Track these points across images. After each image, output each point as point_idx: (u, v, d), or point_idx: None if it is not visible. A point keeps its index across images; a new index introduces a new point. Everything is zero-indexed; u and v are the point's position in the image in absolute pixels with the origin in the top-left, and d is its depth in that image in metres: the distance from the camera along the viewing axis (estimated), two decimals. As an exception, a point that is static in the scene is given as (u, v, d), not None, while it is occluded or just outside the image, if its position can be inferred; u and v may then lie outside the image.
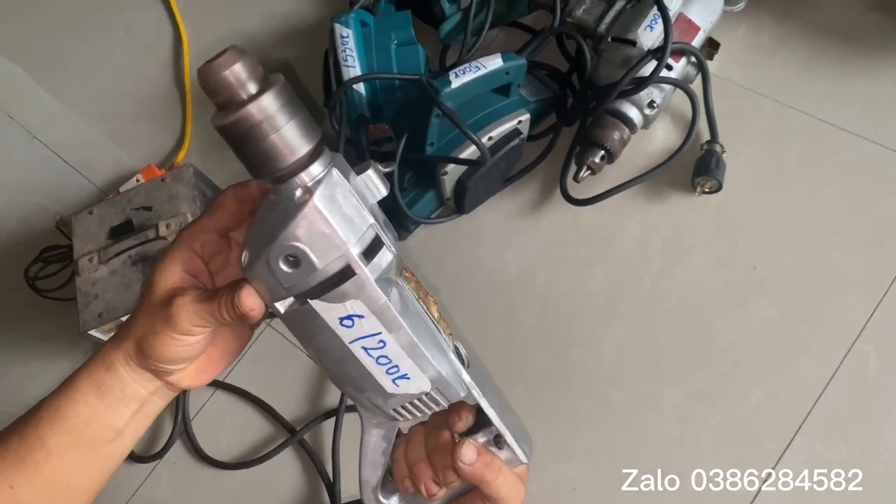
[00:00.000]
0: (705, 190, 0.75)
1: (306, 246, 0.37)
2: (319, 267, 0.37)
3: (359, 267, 0.38)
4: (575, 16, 0.77)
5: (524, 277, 0.79)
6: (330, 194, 0.37)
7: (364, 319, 0.40)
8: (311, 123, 0.37)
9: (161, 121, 1.00)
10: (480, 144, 0.70)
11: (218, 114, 0.36)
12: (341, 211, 0.37)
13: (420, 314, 0.43)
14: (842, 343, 0.68)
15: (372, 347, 0.41)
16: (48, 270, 0.90)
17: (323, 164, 0.37)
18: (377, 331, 0.40)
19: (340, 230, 0.37)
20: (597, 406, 0.72)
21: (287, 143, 0.36)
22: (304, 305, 0.39)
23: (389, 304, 0.39)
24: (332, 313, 0.39)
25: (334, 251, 0.37)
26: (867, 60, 0.79)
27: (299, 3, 1.01)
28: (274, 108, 0.35)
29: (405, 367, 0.42)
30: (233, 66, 0.35)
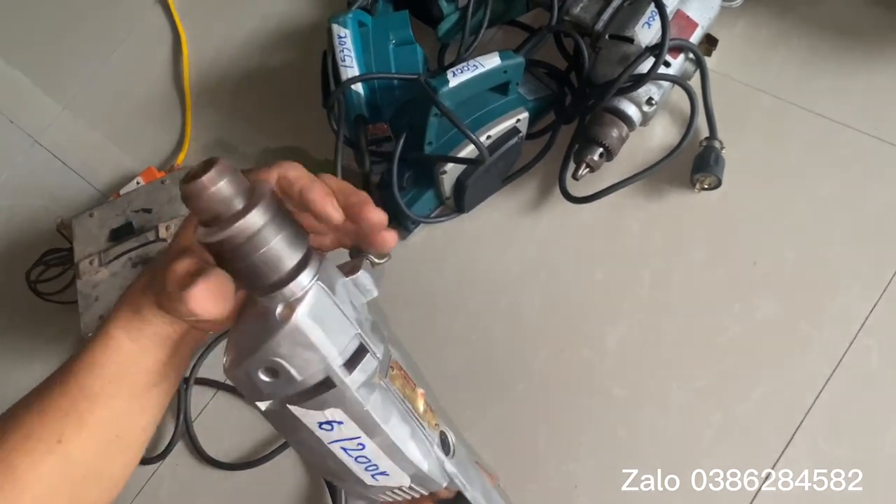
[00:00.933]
0: (705, 186, 0.75)
1: (285, 361, 0.36)
2: (298, 380, 0.37)
3: (339, 379, 0.37)
4: (572, 14, 0.77)
5: (525, 276, 0.79)
6: (312, 311, 0.36)
7: (343, 425, 0.39)
8: (297, 234, 0.36)
9: (161, 123, 1.00)
10: (479, 143, 0.70)
11: (202, 230, 0.35)
12: (324, 325, 0.36)
13: (403, 413, 0.42)
14: (843, 337, 0.68)
15: (351, 448, 0.41)
16: (49, 273, 0.90)
17: (309, 275, 0.36)
18: (356, 435, 0.40)
19: (321, 345, 0.36)
20: (599, 404, 0.72)
21: (273, 259, 0.35)
22: (284, 408, 0.39)
23: (370, 412, 0.39)
24: (311, 418, 0.39)
25: (314, 365, 0.37)
26: (866, 55, 0.79)
27: (297, 4, 1.01)
28: (261, 223, 0.34)
29: (384, 466, 0.42)
30: (218, 183, 0.33)
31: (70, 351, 0.88)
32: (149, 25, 1.08)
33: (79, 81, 1.07)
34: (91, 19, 1.12)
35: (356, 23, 0.79)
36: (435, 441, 0.44)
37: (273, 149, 0.93)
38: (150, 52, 1.06)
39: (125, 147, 0.99)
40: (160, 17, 1.08)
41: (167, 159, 0.97)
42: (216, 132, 0.97)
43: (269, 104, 0.97)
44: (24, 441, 0.42)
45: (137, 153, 0.98)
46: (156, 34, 1.07)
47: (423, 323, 0.79)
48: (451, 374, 0.77)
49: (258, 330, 0.36)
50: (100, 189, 0.97)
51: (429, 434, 0.44)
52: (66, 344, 0.89)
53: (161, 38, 1.06)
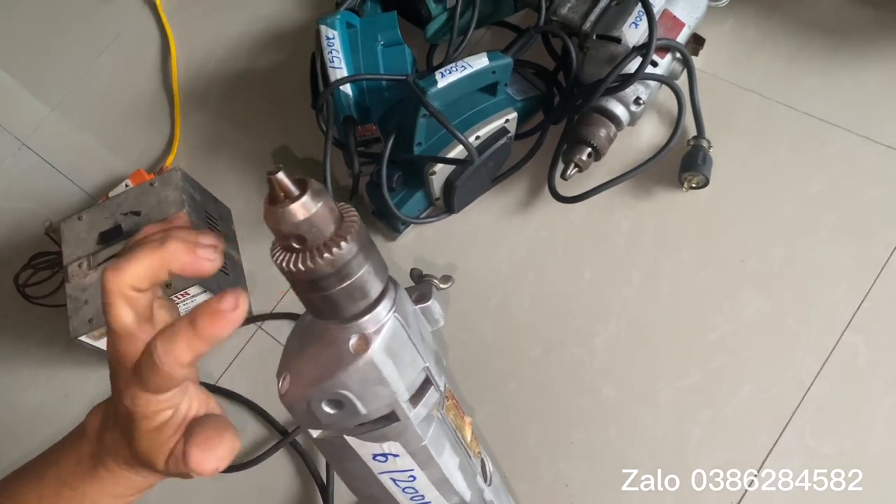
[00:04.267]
0: (692, 185, 0.76)
1: (353, 395, 0.34)
2: (363, 412, 0.35)
3: (403, 414, 0.36)
4: (560, 14, 0.77)
5: (515, 275, 0.79)
6: (388, 345, 0.34)
7: (399, 458, 0.38)
8: (381, 264, 0.34)
9: (149, 125, 1.00)
10: (467, 144, 0.70)
11: (284, 255, 0.31)
12: (396, 359, 0.34)
13: (455, 445, 0.41)
14: (831, 335, 0.69)
15: (401, 480, 0.40)
16: (38, 277, 0.89)
17: (387, 306, 0.34)
18: (410, 468, 0.39)
19: (392, 381, 0.34)
20: (590, 403, 0.72)
21: (359, 290, 0.32)
22: (340, 438, 0.37)
23: (427, 446, 0.38)
24: (366, 449, 0.38)
25: (382, 400, 0.35)
26: (852, 54, 0.79)
27: (285, 6, 1.01)
28: (349, 256, 0.31)
29: (430, 497, 0.41)
30: (316, 206, 0.30)
31: (58, 354, 0.88)
32: (137, 27, 1.08)
33: (67, 84, 1.07)
34: (79, 21, 1.12)
35: (344, 24, 0.79)
36: (478, 470, 0.44)
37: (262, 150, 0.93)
38: (138, 55, 1.06)
39: (114, 149, 0.99)
40: (148, 19, 1.08)
41: (156, 162, 0.97)
42: (205, 134, 0.97)
43: (258, 106, 0.97)
44: None
45: (126, 156, 0.98)
46: (144, 36, 1.07)
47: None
48: (442, 375, 0.77)
49: (328, 360, 0.34)
50: (88, 192, 0.97)
51: (473, 463, 0.43)
52: (55, 348, 0.88)
53: (149, 40, 1.06)
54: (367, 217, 0.83)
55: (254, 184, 0.91)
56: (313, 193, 0.30)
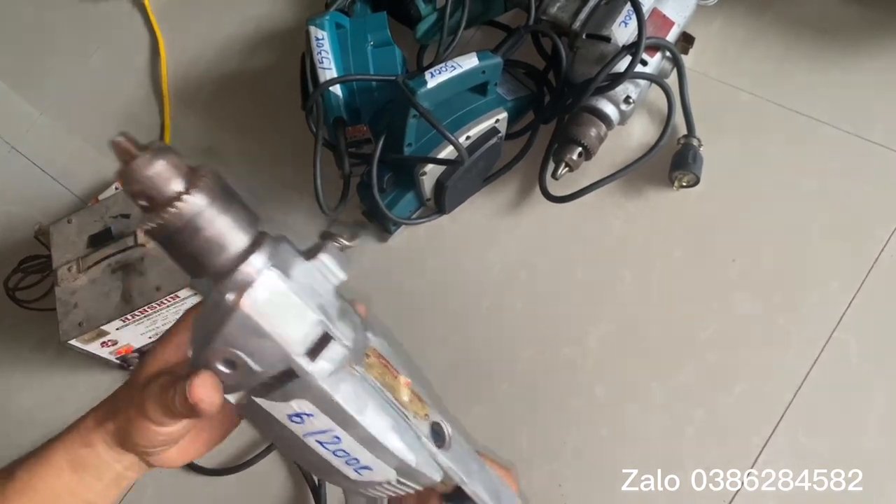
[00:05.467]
0: (683, 184, 0.76)
1: (241, 351, 0.35)
2: (258, 370, 0.35)
3: (301, 369, 0.35)
4: (550, 13, 0.77)
5: (507, 276, 0.79)
6: (264, 297, 0.34)
7: (314, 417, 0.38)
8: (245, 215, 0.35)
9: (139, 128, 0.99)
10: (457, 144, 0.70)
11: (144, 216, 0.33)
12: (279, 313, 0.34)
13: (383, 404, 0.40)
14: (821, 333, 0.69)
15: (327, 442, 0.39)
16: (28, 281, 0.89)
17: (261, 258, 0.34)
18: (329, 427, 0.38)
19: (276, 333, 0.34)
20: (582, 403, 0.72)
21: (217, 242, 0.33)
22: (252, 401, 0.38)
23: (340, 404, 0.37)
24: (279, 410, 0.38)
25: (273, 355, 0.35)
26: (842, 52, 0.79)
27: (275, 7, 1.01)
28: (202, 204, 0.33)
29: (365, 460, 0.40)
30: (154, 165, 0.32)
31: (48, 358, 0.87)
32: (126, 30, 1.07)
33: (56, 87, 1.07)
34: (68, 24, 1.11)
35: (334, 25, 0.79)
36: (424, 432, 0.42)
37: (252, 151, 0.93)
38: (127, 57, 1.05)
39: (103, 152, 0.99)
40: (138, 22, 1.07)
41: (146, 164, 0.96)
42: (195, 136, 0.97)
43: (248, 107, 0.96)
44: None
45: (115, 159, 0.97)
46: (133, 39, 1.06)
47: (404, 324, 0.79)
48: (434, 376, 0.77)
49: (214, 318, 0.35)
50: (78, 195, 0.96)
51: (416, 425, 0.41)
52: (46, 351, 0.88)
53: (139, 42, 1.06)
54: (359, 217, 0.83)
55: (243, 185, 0.91)
56: (153, 152, 0.32)
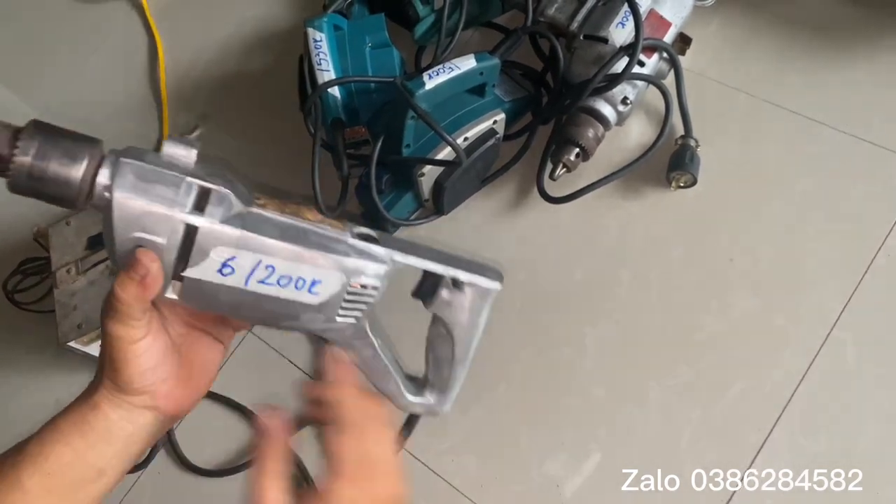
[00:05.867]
0: (680, 184, 0.76)
1: (140, 233, 0.40)
2: (165, 242, 0.40)
3: (196, 220, 0.40)
4: (547, 14, 0.77)
5: (505, 276, 0.79)
6: (127, 182, 0.39)
7: (238, 259, 0.41)
8: (80, 140, 0.39)
9: (137, 129, 0.99)
10: (455, 145, 0.70)
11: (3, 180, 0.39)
12: (148, 188, 0.39)
13: (290, 225, 0.43)
14: (819, 332, 0.69)
15: (265, 277, 0.42)
16: (27, 283, 0.89)
17: (111, 163, 0.40)
18: (256, 261, 0.42)
19: (155, 202, 0.39)
20: (580, 403, 0.73)
21: (65, 167, 0.38)
22: (184, 280, 0.41)
23: (248, 233, 0.41)
24: (208, 272, 0.41)
25: (165, 222, 0.40)
26: (838, 52, 0.79)
27: (273, 8, 1.01)
28: (34, 145, 0.38)
29: (308, 274, 0.43)
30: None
31: (47, 360, 0.87)
32: (125, 31, 1.07)
33: (55, 87, 1.07)
34: (67, 25, 1.11)
35: (332, 26, 0.79)
36: (347, 235, 0.45)
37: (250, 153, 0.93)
38: (126, 58, 1.05)
39: (102, 154, 0.99)
40: (136, 23, 1.07)
41: (145, 165, 0.96)
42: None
43: (246, 108, 0.96)
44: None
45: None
46: (132, 40, 1.06)
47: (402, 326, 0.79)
48: (433, 376, 0.77)
49: (105, 227, 0.40)
50: (77, 196, 0.96)
51: (335, 233, 0.45)
52: (44, 353, 0.88)
53: (137, 43, 1.06)
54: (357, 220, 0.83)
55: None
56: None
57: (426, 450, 0.74)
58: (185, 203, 0.40)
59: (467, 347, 0.54)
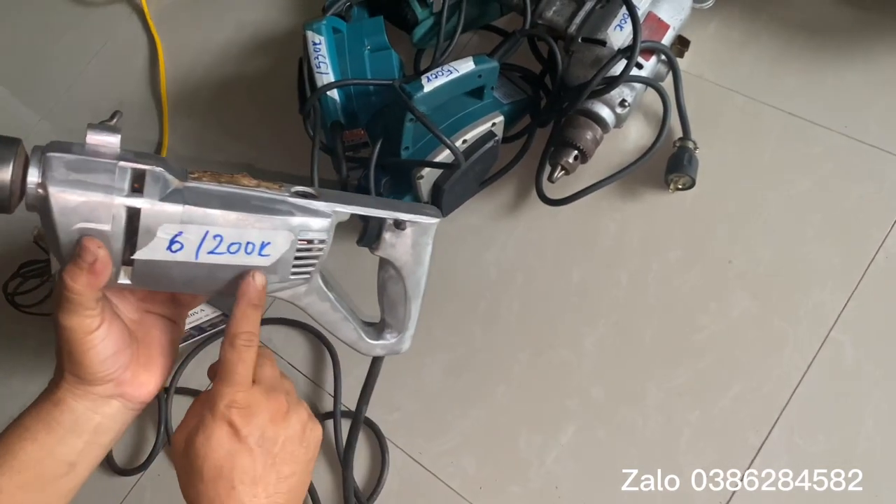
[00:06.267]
0: (679, 186, 0.76)
1: (82, 223, 0.40)
2: (109, 230, 0.40)
3: (136, 202, 0.40)
4: (545, 17, 0.77)
5: (503, 278, 0.80)
6: (58, 176, 0.39)
7: (184, 234, 0.42)
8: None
9: (138, 132, 1.00)
10: (454, 148, 0.70)
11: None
12: (81, 177, 0.40)
13: (230, 193, 0.44)
14: (817, 334, 0.69)
15: (216, 247, 0.43)
16: (27, 286, 0.89)
17: (38, 161, 0.40)
18: (203, 232, 0.42)
19: (91, 191, 0.40)
20: (578, 405, 0.73)
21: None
22: (135, 264, 0.42)
23: (189, 207, 0.42)
24: (157, 251, 0.42)
25: (104, 209, 0.40)
26: (836, 54, 0.80)
27: (272, 12, 1.01)
28: None
29: (256, 237, 0.44)
30: None
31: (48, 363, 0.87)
32: (125, 35, 1.08)
33: (56, 91, 1.07)
34: (68, 29, 1.12)
35: (331, 29, 0.79)
36: (286, 195, 0.46)
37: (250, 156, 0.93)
38: (126, 62, 1.06)
39: (102, 157, 0.99)
40: (136, 27, 1.08)
41: (145, 168, 0.97)
42: (193, 141, 0.97)
43: (246, 112, 0.97)
44: None
45: None
46: (132, 44, 1.07)
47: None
48: (431, 379, 0.77)
49: (47, 225, 0.40)
50: (77, 199, 0.97)
51: (274, 194, 0.46)
52: (45, 356, 0.88)
53: (137, 47, 1.06)
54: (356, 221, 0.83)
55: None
56: None
57: (424, 452, 0.75)
58: (122, 187, 0.40)
59: (417, 284, 0.56)
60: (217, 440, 0.44)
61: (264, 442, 0.45)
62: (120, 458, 0.82)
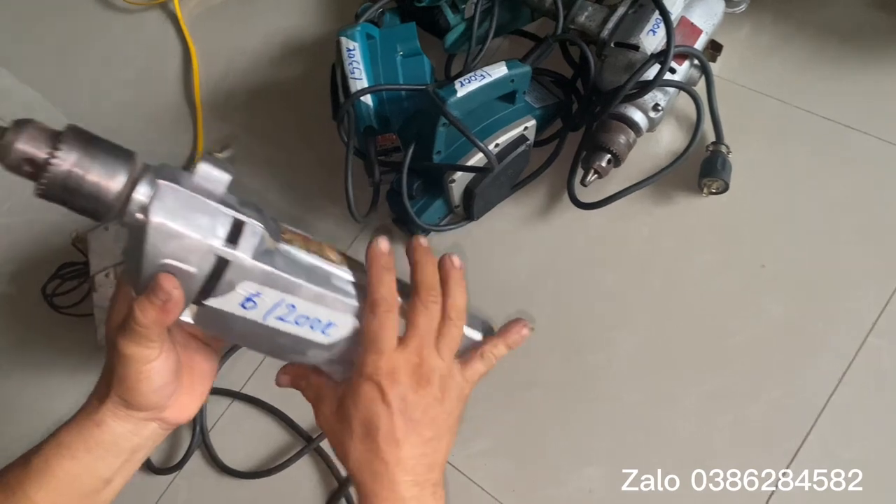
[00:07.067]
0: (712, 191, 0.76)
1: (170, 259, 0.39)
2: (194, 271, 0.39)
3: (229, 254, 0.40)
4: (578, 22, 0.78)
5: (535, 283, 0.80)
6: (165, 205, 0.38)
7: (262, 295, 0.41)
8: (118, 153, 0.39)
9: (172, 134, 1.01)
10: (487, 151, 0.71)
11: (35, 187, 0.37)
12: (184, 214, 0.39)
13: (315, 265, 0.44)
14: (854, 339, 0.68)
15: (285, 315, 0.43)
16: (65, 287, 0.91)
17: (148, 181, 0.39)
18: (280, 299, 0.42)
19: (192, 231, 0.39)
20: (612, 408, 0.73)
21: (102, 180, 0.37)
22: (204, 307, 0.41)
23: (277, 272, 0.41)
24: (231, 303, 0.41)
25: (197, 251, 0.39)
26: (869, 58, 0.79)
27: (305, 19, 1.02)
28: (73, 156, 0.37)
29: (325, 316, 0.44)
30: (20, 136, 0.36)
31: (85, 363, 0.89)
32: (159, 40, 1.09)
33: (90, 95, 1.09)
34: (102, 34, 1.13)
35: (364, 35, 0.80)
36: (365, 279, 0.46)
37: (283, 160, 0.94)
38: (160, 67, 1.07)
39: (137, 161, 1.00)
40: (170, 32, 1.09)
41: (179, 172, 0.98)
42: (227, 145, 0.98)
43: (280, 117, 0.98)
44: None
45: None
46: (166, 48, 1.08)
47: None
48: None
49: (135, 247, 0.39)
50: (113, 203, 0.98)
51: (355, 277, 0.46)
52: (82, 356, 0.90)
53: (171, 52, 1.08)
54: (388, 225, 0.84)
55: (274, 193, 0.93)
56: (15, 123, 0.36)
57: (458, 453, 0.75)
58: (220, 234, 0.39)
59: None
60: (364, 402, 0.47)
61: (406, 407, 0.47)
62: (156, 458, 0.83)
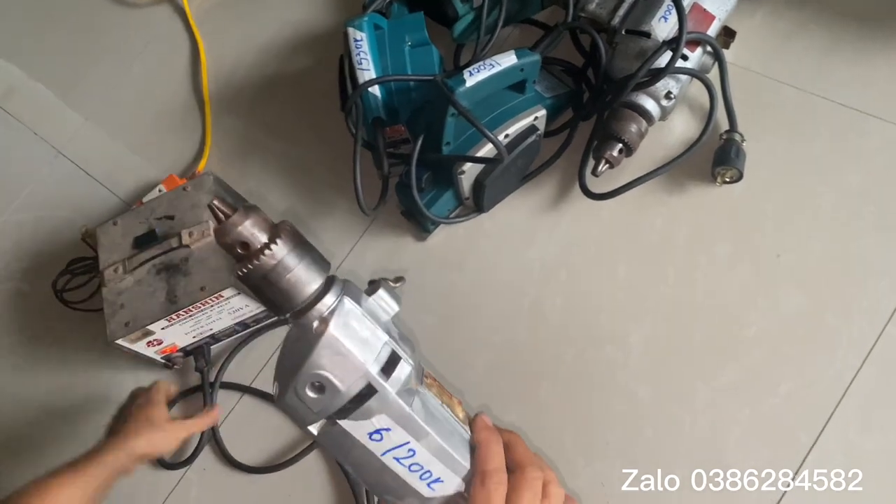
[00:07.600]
0: (726, 180, 0.74)
1: (328, 372, 0.40)
2: (343, 390, 0.40)
3: (379, 384, 0.41)
4: (588, 10, 0.77)
5: (547, 274, 0.79)
6: (343, 322, 0.40)
7: (392, 431, 0.42)
8: (319, 260, 0.41)
9: (181, 131, 1.01)
10: (497, 142, 0.70)
11: (237, 265, 0.39)
12: (356, 335, 0.40)
13: (445, 418, 0.45)
14: (871, 330, 0.67)
15: (403, 457, 0.43)
16: (75, 282, 0.91)
17: (335, 293, 0.41)
18: (405, 441, 0.43)
19: (358, 353, 0.40)
20: (625, 402, 0.72)
21: (300, 282, 0.39)
22: (335, 426, 0.42)
23: (413, 415, 0.42)
24: (361, 430, 0.42)
25: (354, 373, 0.40)
26: (886, 43, 0.78)
27: (312, 11, 1.02)
28: (284, 252, 0.39)
29: (437, 471, 0.45)
30: (244, 222, 0.38)
31: (96, 358, 0.89)
32: (167, 36, 1.09)
33: (100, 93, 1.09)
34: (110, 31, 1.13)
35: (372, 26, 0.79)
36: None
37: (292, 153, 0.94)
38: (169, 62, 1.07)
39: (147, 156, 1.01)
40: (178, 27, 1.09)
41: (188, 167, 0.98)
42: (236, 139, 0.98)
43: (287, 110, 0.97)
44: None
45: (159, 162, 0.99)
46: (174, 44, 1.08)
47: (445, 325, 0.79)
48: (475, 376, 0.77)
49: (300, 349, 0.40)
50: (122, 198, 0.98)
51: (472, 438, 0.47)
52: (92, 351, 0.90)
53: (180, 47, 1.07)
54: (397, 217, 0.83)
55: (284, 187, 0.92)
56: (244, 209, 0.38)
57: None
58: (378, 362, 0.41)
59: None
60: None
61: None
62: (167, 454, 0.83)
